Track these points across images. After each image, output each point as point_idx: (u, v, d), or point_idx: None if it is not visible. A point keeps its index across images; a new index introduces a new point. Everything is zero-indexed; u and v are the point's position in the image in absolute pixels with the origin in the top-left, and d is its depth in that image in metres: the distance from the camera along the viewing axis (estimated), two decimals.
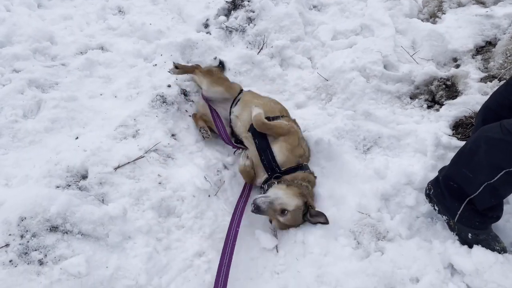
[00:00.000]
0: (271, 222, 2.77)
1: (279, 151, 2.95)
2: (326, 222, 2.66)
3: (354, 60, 3.80)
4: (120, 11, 4.55)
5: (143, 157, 2.99)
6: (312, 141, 3.28)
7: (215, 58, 3.92)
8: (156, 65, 3.84)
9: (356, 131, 3.35)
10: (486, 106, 2.69)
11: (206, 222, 2.74)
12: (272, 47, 4.20)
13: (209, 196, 2.89)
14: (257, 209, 2.57)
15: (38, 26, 3.89)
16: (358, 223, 2.75)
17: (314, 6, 4.71)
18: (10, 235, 2.23)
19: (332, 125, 3.38)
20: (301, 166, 2.95)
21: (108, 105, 3.46)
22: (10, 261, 2.14)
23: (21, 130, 3.02)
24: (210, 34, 4.38)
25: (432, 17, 4.25)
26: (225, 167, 3.18)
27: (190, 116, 3.49)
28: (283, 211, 2.63)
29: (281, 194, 2.66)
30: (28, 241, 2.22)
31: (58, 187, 2.61)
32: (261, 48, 4.23)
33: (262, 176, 3.01)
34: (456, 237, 2.56)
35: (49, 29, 3.95)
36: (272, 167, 2.92)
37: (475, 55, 3.69)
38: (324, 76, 3.84)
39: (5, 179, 2.65)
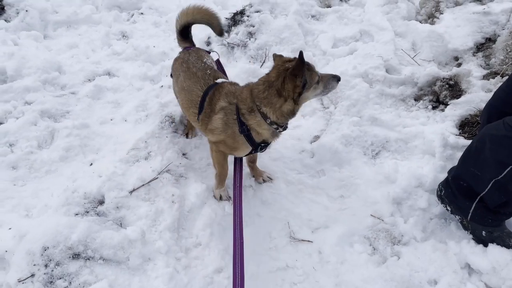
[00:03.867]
0: None
1: None
2: None
3: (356, 67, 3.86)
4: (123, 36, 4.66)
5: (156, 178, 3.06)
6: (321, 150, 3.33)
7: None
8: (162, 86, 3.93)
9: (363, 136, 3.40)
10: (490, 104, 2.72)
11: (223, 237, 2.79)
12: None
13: (224, 210, 2.94)
14: None
15: (46, 57, 4.00)
16: (372, 229, 2.78)
17: (313, 16, 4.77)
18: (34, 265, 2.30)
19: (339, 133, 3.42)
20: None
21: (119, 129, 3.55)
22: None
23: (37, 161, 3.11)
24: (213, 51, 4.46)
25: (430, 18, 4.29)
26: None
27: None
28: None
29: None
30: (52, 270, 2.29)
31: (77, 214, 2.69)
32: (264, 61, 4.30)
33: None
34: (471, 236, 2.58)
35: (57, 59, 4.06)
36: None
37: (476, 53, 3.72)
38: None
39: (26, 210, 2.73)
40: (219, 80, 2.86)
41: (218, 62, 3.35)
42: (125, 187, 2.92)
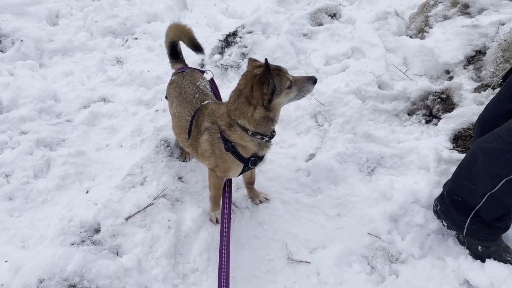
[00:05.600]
0: None
1: None
2: None
3: (349, 84, 3.88)
4: (118, 61, 4.72)
5: (152, 204, 3.06)
6: (317, 168, 3.34)
7: None
8: (157, 110, 3.96)
9: (358, 153, 3.40)
10: (481, 118, 2.73)
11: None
12: None
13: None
14: None
15: (41, 86, 4.05)
16: (370, 248, 2.77)
17: (304, 34, 4.83)
18: None
19: (334, 150, 3.43)
20: None
21: (115, 155, 3.57)
22: None
23: (33, 191, 3.12)
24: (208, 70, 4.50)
25: (420, 33, 4.34)
26: (235, 206, 3.21)
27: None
28: None
29: None
30: None
31: (73, 244, 2.68)
32: None
33: None
34: (468, 252, 2.56)
35: (52, 88, 4.11)
36: None
37: (467, 65, 3.75)
38: (321, 101, 3.91)
39: (22, 241, 2.73)
40: (205, 102, 2.87)
41: (212, 81, 3.37)
42: (121, 214, 2.92)
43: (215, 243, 2.86)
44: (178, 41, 3.35)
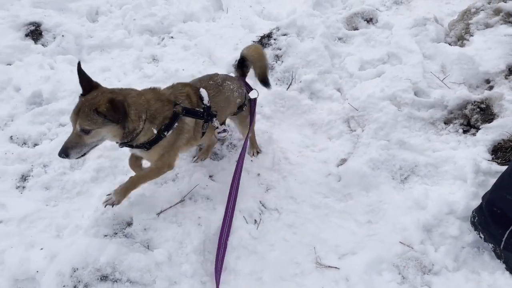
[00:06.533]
0: None
1: None
2: None
3: (384, 89, 3.83)
4: (154, 59, 4.79)
5: (183, 200, 3.10)
6: (348, 173, 3.31)
7: None
8: None
9: (392, 160, 3.35)
10: None
11: (248, 261, 2.78)
12: (300, 81, 4.28)
13: (249, 234, 2.93)
14: None
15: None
16: (401, 257, 2.71)
17: (339, 38, 4.79)
18: (64, 286, 2.35)
19: (366, 156, 3.39)
20: None
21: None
22: None
23: (69, 182, 3.20)
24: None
25: (460, 40, 4.23)
26: (264, 206, 3.21)
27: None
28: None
29: None
30: None
31: (106, 236, 2.74)
32: (290, 84, 4.33)
33: None
34: (504, 266, 2.48)
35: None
36: None
37: (508, 76, 3.63)
38: (354, 106, 3.87)
39: (57, 231, 2.80)
40: None
41: (254, 100, 3.40)
42: (153, 209, 2.96)
43: (244, 242, 2.87)
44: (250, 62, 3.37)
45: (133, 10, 5.37)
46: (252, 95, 3.32)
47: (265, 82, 3.40)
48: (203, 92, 2.89)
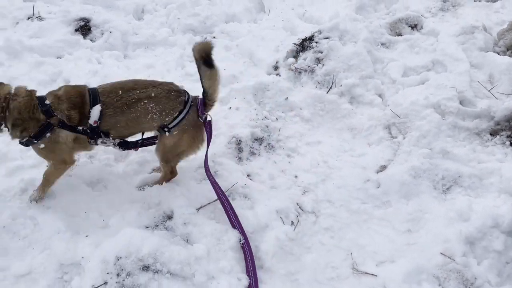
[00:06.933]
0: None
1: None
2: None
3: (428, 97, 3.76)
4: None
5: None
6: (388, 180, 3.27)
7: None
8: (230, 108, 4.05)
9: (434, 170, 3.29)
10: None
11: (285, 262, 2.79)
12: (341, 85, 4.26)
13: (286, 235, 2.94)
14: None
15: (126, 76, 4.25)
16: (442, 268, 2.66)
17: (382, 44, 4.73)
18: (108, 273, 2.43)
19: (408, 164, 3.34)
20: None
21: None
22: None
23: (113, 173, 3.31)
24: (280, 76, 4.55)
25: (509, 50, 4.11)
26: (301, 209, 3.21)
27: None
28: None
29: None
30: (123, 280, 2.41)
31: (147, 227, 2.82)
32: (330, 87, 4.31)
33: None
34: None
35: (135, 78, 4.32)
36: None
37: None
38: (396, 113, 3.82)
39: (102, 219, 2.90)
40: None
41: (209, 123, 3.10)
42: (192, 204, 3.02)
43: (281, 242, 2.88)
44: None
45: (177, 9, 5.49)
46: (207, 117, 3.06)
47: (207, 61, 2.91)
48: (95, 110, 2.72)
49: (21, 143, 2.79)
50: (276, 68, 4.72)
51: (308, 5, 5.71)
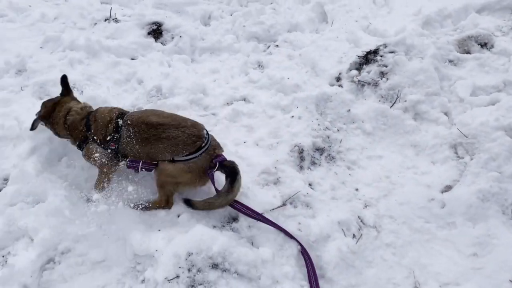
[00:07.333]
0: None
1: None
2: None
3: (499, 119, 3.66)
4: (259, 65, 5.00)
5: (285, 205, 3.21)
6: (454, 201, 3.22)
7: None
8: (293, 116, 4.12)
9: (503, 194, 3.21)
10: None
11: (346, 274, 2.81)
12: (405, 101, 4.23)
13: (348, 247, 2.96)
14: None
15: (194, 79, 4.47)
16: None
17: (450, 61, 4.64)
18: (179, 267, 2.56)
19: (475, 186, 3.27)
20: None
21: (251, 152, 3.79)
22: None
23: None
24: (342, 87, 4.57)
25: None
26: (363, 222, 3.22)
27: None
28: None
29: None
30: (194, 275, 2.53)
31: (214, 227, 2.94)
32: (394, 102, 4.28)
33: None
34: None
35: (202, 82, 4.50)
36: None
37: None
38: (464, 133, 3.74)
39: (175, 215, 3.04)
40: None
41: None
42: (257, 208, 3.10)
43: (343, 254, 2.91)
44: None
45: (242, 17, 5.65)
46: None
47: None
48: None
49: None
50: (338, 79, 4.75)
51: (373, 18, 5.71)
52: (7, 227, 2.88)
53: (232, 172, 2.99)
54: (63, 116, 3.19)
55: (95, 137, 3.07)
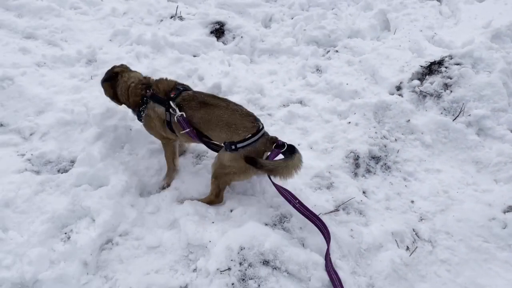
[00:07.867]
0: None
1: None
2: None
3: None
4: (317, 69, 4.99)
5: (338, 210, 3.18)
6: None
7: None
8: (350, 122, 4.08)
9: None
10: None
11: (398, 285, 2.75)
12: (469, 115, 4.07)
13: (401, 259, 2.89)
14: None
15: (252, 79, 4.53)
16: None
17: None
18: (231, 260, 2.60)
19: None
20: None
21: (305, 155, 3.73)
22: (232, 284, 2.50)
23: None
24: (402, 96, 4.47)
25: None
26: (418, 236, 3.13)
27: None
28: None
29: None
30: (245, 269, 2.57)
31: (266, 224, 2.96)
32: (457, 115, 4.13)
33: None
34: None
35: (260, 82, 4.56)
36: None
37: None
38: None
39: (229, 210, 3.11)
40: None
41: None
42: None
43: (395, 265, 2.84)
44: None
45: (304, 21, 5.67)
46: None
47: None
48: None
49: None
50: (399, 88, 4.64)
51: (438, 28, 5.55)
52: (72, 206, 3.05)
53: (290, 146, 2.95)
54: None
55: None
